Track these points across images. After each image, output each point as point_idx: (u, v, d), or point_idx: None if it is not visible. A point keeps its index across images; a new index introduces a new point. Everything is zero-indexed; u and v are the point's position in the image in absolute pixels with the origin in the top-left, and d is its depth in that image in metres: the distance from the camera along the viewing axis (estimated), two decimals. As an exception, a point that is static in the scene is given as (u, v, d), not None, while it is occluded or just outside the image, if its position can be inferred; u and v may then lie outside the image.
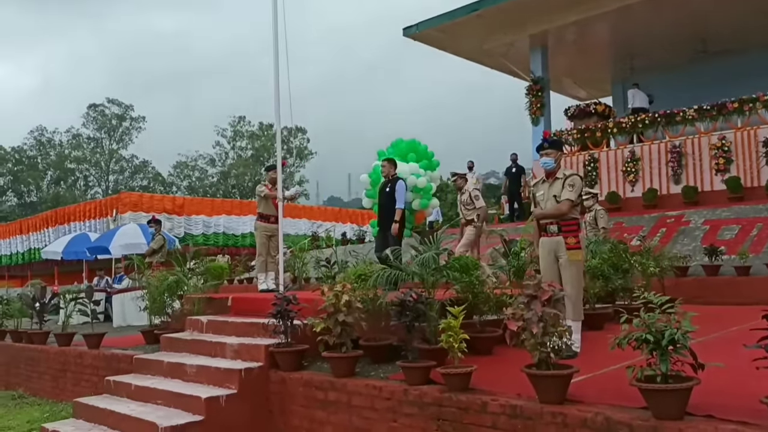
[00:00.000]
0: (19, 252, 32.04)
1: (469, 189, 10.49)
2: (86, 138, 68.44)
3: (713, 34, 15.91)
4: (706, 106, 13.70)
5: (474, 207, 10.35)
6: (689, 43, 16.24)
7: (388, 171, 10.30)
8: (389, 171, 10.28)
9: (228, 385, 6.35)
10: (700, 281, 9.56)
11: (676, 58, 16.99)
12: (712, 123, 13.71)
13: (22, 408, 9.34)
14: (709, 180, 13.38)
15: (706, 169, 13.44)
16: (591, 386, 4.77)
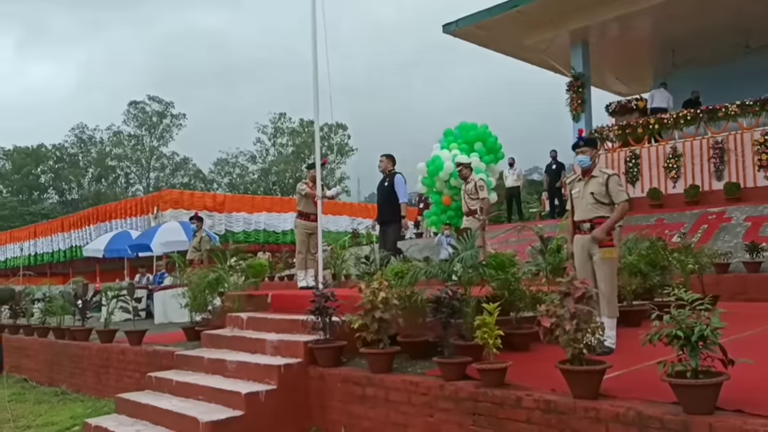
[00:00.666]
0: (61, 249, 32.68)
1: (475, 179, 10.39)
2: (127, 135, 69.56)
3: (756, 28, 15.59)
4: (748, 102, 13.47)
5: (478, 197, 10.21)
6: (732, 38, 15.96)
7: (385, 166, 10.16)
8: (386, 166, 10.13)
9: (268, 380, 6.45)
10: (740, 278, 9.44)
11: (719, 53, 16.69)
12: (755, 118, 13.47)
13: (65, 404, 9.51)
14: (752, 176, 13.15)
15: (749, 165, 13.21)
16: (624, 382, 4.80)
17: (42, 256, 34.36)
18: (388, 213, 9.94)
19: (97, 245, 21.78)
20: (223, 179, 70.69)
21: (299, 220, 10.09)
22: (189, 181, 68.75)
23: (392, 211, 9.87)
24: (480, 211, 10.13)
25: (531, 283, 6.90)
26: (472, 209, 10.23)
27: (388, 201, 9.92)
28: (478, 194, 10.20)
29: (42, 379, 11.35)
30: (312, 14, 9.05)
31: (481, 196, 10.18)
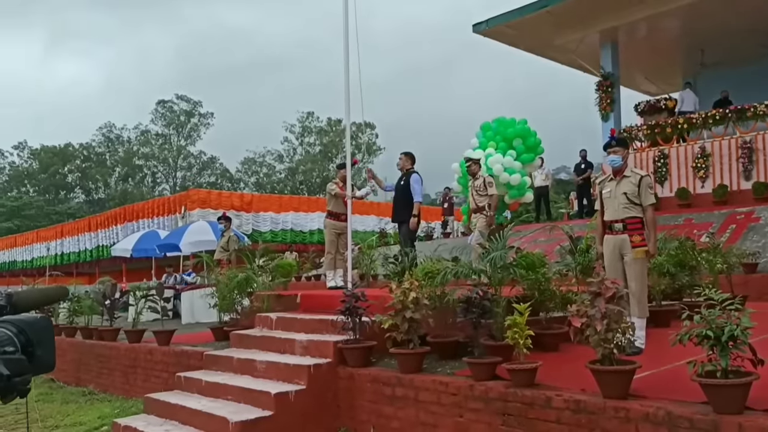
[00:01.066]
0: (88, 249, 32.91)
1: (484, 175, 10.32)
2: (155, 134, 70.02)
3: (786, 28, 15.43)
4: (778, 101, 13.32)
5: (486, 194, 10.14)
6: (760, 37, 15.75)
7: (403, 164, 10.09)
8: (404, 164, 10.07)
9: (297, 380, 6.49)
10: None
11: (747, 52, 16.49)
12: (785, 118, 13.33)
13: (92, 404, 9.53)
14: (781, 176, 13.01)
15: (778, 164, 13.08)
16: (654, 382, 4.82)
17: (68, 255, 34.68)
18: (403, 212, 9.86)
19: (124, 245, 21.90)
20: (250, 178, 71.00)
21: (329, 220, 10.12)
22: (216, 181, 69.18)
23: (407, 211, 9.80)
24: (488, 207, 10.07)
25: (561, 283, 6.91)
26: (480, 206, 10.18)
27: (403, 200, 9.84)
28: (486, 191, 10.15)
29: (69, 379, 11.38)
30: (344, 12, 9.06)
31: (489, 193, 10.13)
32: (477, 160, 10.61)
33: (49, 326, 1.13)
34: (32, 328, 1.09)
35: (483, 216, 10.07)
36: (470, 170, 10.53)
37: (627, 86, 19.85)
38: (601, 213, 6.42)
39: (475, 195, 10.31)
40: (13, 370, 1.00)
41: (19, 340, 1.07)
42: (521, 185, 15.31)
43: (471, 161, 10.52)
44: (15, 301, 1.07)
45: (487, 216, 10.04)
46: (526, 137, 15.95)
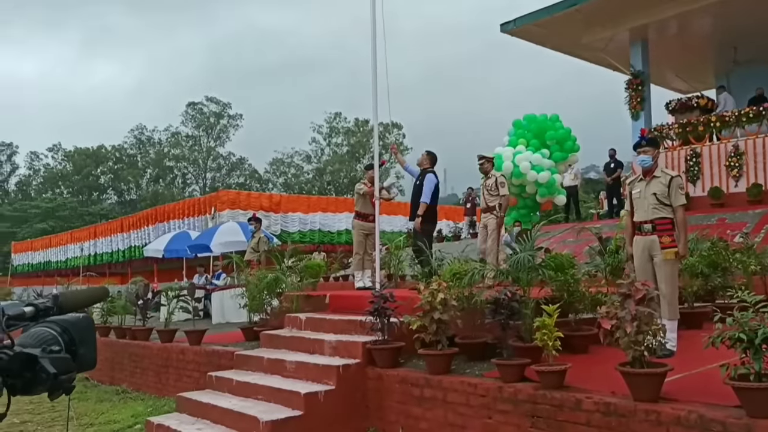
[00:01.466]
0: (120, 250, 33.36)
1: (496, 174, 10.05)
2: (185, 136, 70.92)
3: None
4: (814, 99, 13.08)
5: (498, 194, 9.84)
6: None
7: (421, 162, 10.03)
8: (422, 162, 9.99)
9: (326, 381, 6.54)
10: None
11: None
12: (822, 116, 13.08)
13: (126, 402, 9.67)
14: (818, 174, 12.77)
15: (814, 163, 12.83)
16: (686, 385, 4.77)
17: (101, 256, 35.18)
18: (414, 212, 9.81)
19: (156, 245, 22.18)
20: (278, 179, 71.51)
21: (357, 221, 10.12)
22: (245, 181, 69.77)
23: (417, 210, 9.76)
24: (498, 207, 9.80)
25: (590, 285, 6.86)
26: (491, 206, 9.88)
27: (416, 199, 9.80)
28: (498, 190, 9.85)
29: (103, 377, 11.54)
30: (371, 14, 9.07)
31: (501, 193, 9.84)
32: (490, 158, 10.32)
33: (91, 326, 1.18)
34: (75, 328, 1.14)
35: (494, 216, 9.80)
36: (482, 168, 10.22)
37: (657, 84, 19.55)
38: (631, 214, 6.37)
39: (486, 194, 10.03)
40: (60, 368, 1.05)
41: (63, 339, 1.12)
42: (550, 183, 15.17)
43: (484, 159, 10.22)
44: (61, 302, 1.12)
45: (497, 216, 9.79)
46: (563, 139, 15.83)
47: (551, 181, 15.18)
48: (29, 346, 1.05)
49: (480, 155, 10.06)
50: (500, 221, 9.92)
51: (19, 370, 1.02)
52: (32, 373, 1.04)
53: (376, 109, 9.17)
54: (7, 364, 1.01)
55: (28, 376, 1.04)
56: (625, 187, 15.00)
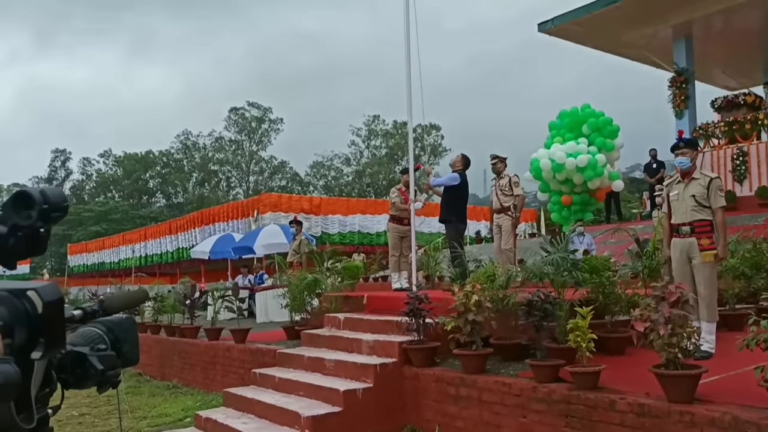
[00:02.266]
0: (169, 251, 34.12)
1: (510, 174, 9.93)
2: (228, 140, 72.08)
3: None
4: None
5: (512, 194, 9.75)
6: None
7: (454, 163, 10.11)
8: (455, 164, 10.07)
9: (364, 379, 6.68)
10: None
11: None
12: None
13: (176, 397, 10.06)
14: None
15: None
16: (721, 386, 4.77)
17: (152, 257, 36.00)
18: (444, 212, 9.94)
19: (203, 247, 22.66)
20: (318, 182, 72.13)
21: (391, 224, 10.24)
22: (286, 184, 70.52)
23: (448, 211, 9.84)
24: (513, 208, 9.72)
25: (627, 286, 6.84)
26: (505, 206, 9.77)
27: (445, 200, 9.93)
28: (512, 191, 9.75)
29: (155, 373, 12.00)
30: (405, 13, 9.14)
31: (515, 193, 9.75)
32: (504, 159, 10.18)
33: (134, 325, 1.31)
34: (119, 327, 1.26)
35: (508, 217, 9.72)
36: (495, 168, 10.15)
37: (703, 81, 19.15)
38: (669, 216, 6.33)
39: (499, 194, 9.90)
40: (106, 364, 1.17)
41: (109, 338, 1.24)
42: (592, 164, 14.81)
43: (497, 159, 10.13)
44: (106, 305, 1.25)
45: (512, 217, 9.70)
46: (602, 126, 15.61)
47: (592, 161, 14.75)
48: (79, 345, 1.18)
49: (493, 155, 10.03)
50: (516, 221, 9.86)
51: (71, 366, 1.14)
52: (82, 369, 1.15)
53: (410, 112, 9.26)
54: (60, 362, 1.13)
55: (79, 372, 1.15)
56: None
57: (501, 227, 9.82)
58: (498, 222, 9.92)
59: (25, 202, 0.79)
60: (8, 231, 0.76)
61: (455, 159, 10.21)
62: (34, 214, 0.79)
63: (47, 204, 0.78)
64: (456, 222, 9.83)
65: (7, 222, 0.76)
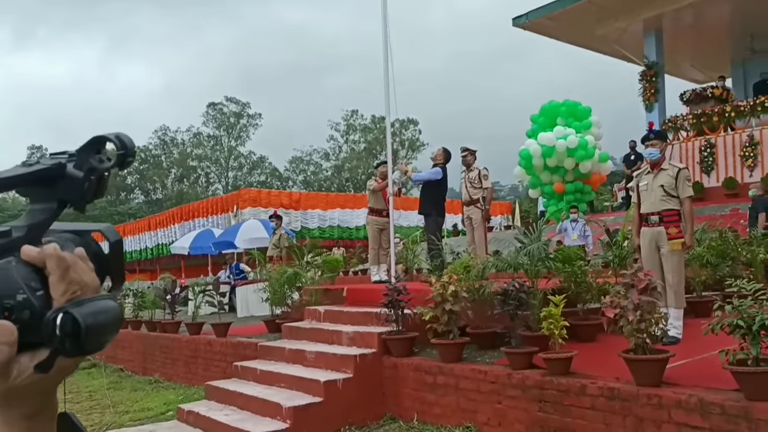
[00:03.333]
0: (149, 247, 33.90)
1: (479, 167, 10.01)
2: (206, 136, 71.66)
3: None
4: (829, 86, 13.08)
5: (481, 186, 9.87)
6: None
7: (435, 157, 10.28)
8: (436, 158, 10.23)
9: (344, 369, 6.81)
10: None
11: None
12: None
13: (158, 391, 10.07)
14: (832, 163, 12.80)
15: (828, 151, 12.86)
16: (688, 370, 4.94)
17: (131, 254, 35.69)
18: (424, 205, 10.09)
19: (182, 243, 22.61)
20: (297, 177, 71.98)
21: (370, 217, 10.35)
22: (266, 180, 70.30)
23: (428, 204, 9.99)
24: (483, 200, 9.86)
25: (599, 275, 7.04)
26: (474, 198, 9.91)
27: (424, 193, 10.10)
28: (481, 183, 9.87)
29: (136, 368, 12.01)
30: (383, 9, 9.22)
31: (484, 185, 9.87)
32: (474, 151, 10.23)
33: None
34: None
35: (478, 209, 9.86)
36: (465, 161, 10.23)
37: (672, 75, 19.51)
38: (638, 206, 6.52)
39: (469, 187, 10.03)
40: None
41: None
42: (583, 144, 15.00)
43: (467, 151, 10.20)
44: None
45: (482, 209, 9.84)
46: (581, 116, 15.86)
47: (583, 142, 14.94)
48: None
49: (463, 147, 10.13)
50: (486, 214, 9.99)
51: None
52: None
53: (388, 106, 9.31)
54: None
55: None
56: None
57: (471, 219, 9.99)
58: (468, 214, 10.08)
59: (102, 146, 0.79)
60: (84, 175, 0.76)
61: (436, 153, 10.34)
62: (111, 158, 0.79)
63: (124, 149, 0.78)
64: (436, 215, 9.99)
65: (83, 167, 0.76)
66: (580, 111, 16.02)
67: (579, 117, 15.96)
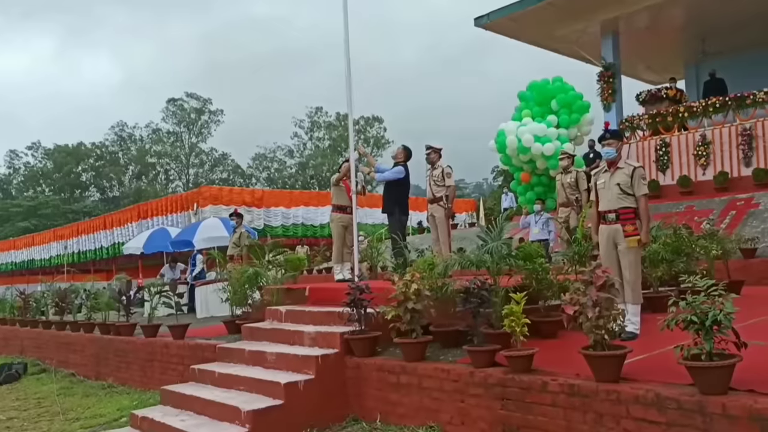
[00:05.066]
0: (104, 247, 33.25)
1: (443, 165, 10.06)
2: (166, 132, 70.76)
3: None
4: (776, 89, 13.51)
5: (444, 185, 9.93)
6: (760, 25, 15.86)
7: (396, 155, 10.28)
8: (397, 156, 10.23)
9: (306, 370, 6.72)
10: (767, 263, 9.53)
11: (747, 40, 16.62)
12: (783, 105, 13.54)
13: (112, 396, 9.83)
14: (780, 162, 13.22)
15: (777, 151, 13.27)
16: (645, 365, 5.02)
17: (85, 253, 35.03)
18: (388, 204, 10.08)
19: (136, 243, 22.21)
20: (261, 174, 71.58)
21: (335, 214, 10.27)
22: (228, 177, 69.75)
23: (392, 202, 9.99)
24: (446, 198, 9.93)
25: (559, 272, 7.12)
26: (437, 196, 9.99)
27: (387, 192, 10.08)
28: (444, 181, 9.94)
29: (89, 373, 11.68)
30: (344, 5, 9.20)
31: (447, 183, 9.93)
32: (438, 149, 10.27)
33: None
34: None
35: (440, 207, 9.95)
36: (429, 159, 10.26)
37: (629, 76, 19.93)
38: (596, 204, 6.62)
39: (433, 185, 10.10)
40: None
41: None
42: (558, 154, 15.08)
43: (431, 149, 10.24)
44: None
45: (445, 208, 9.93)
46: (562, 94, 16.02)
47: (558, 152, 15.12)
48: None
49: (427, 145, 10.18)
50: (448, 212, 10.08)
51: None
52: None
53: (350, 103, 9.27)
54: None
55: None
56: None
57: (435, 217, 10.03)
58: (432, 212, 10.12)
59: None
60: None
61: (397, 151, 10.35)
62: None
63: None
64: (399, 214, 9.98)
65: None
66: (577, 104, 16.22)
67: (575, 109, 16.16)
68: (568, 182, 10.98)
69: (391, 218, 10.06)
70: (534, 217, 12.70)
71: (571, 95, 16.40)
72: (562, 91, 16.51)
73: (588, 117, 16.39)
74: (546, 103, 16.40)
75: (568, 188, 10.88)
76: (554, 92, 16.53)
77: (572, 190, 10.83)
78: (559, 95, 16.42)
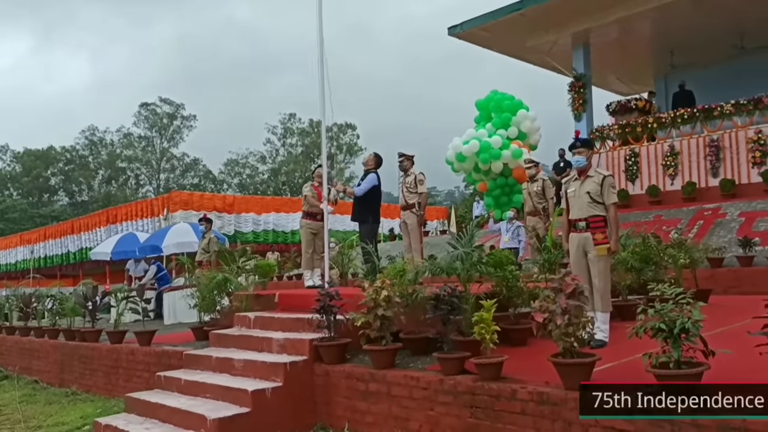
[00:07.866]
0: (71, 251, 32.89)
1: (416, 172, 10.11)
2: (137, 137, 70.08)
3: (750, 30, 16.04)
4: (743, 101, 13.82)
5: (416, 191, 9.97)
6: (727, 39, 16.28)
7: (367, 162, 10.27)
8: (368, 163, 10.23)
9: (274, 378, 6.64)
10: (734, 272, 9.69)
11: (715, 53, 17.00)
12: (749, 117, 13.84)
13: (75, 404, 9.64)
14: (746, 173, 13.47)
15: (743, 162, 13.54)
16: (614, 373, 5.02)
17: (52, 258, 34.63)
18: (359, 212, 10.03)
19: (104, 248, 21.85)
20: (233, 180, 71.18)
21: (305, 220, 10.21)
22: (199, 182, 69.23)
23: (364, 210, 9.95)
24: (418, 205, 9.97)
25: (529, 280, 7.13)
26: (410, 203, 10.02)
27: (358, 199, 10.03)
28: (417, 188, 9.98)
29: (53, 380, 11.47)
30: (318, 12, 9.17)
31: (419, 191, 9.97)
32: (411, 156, 10.28)
33: None
34: None
35: (413, 214, 9.97)
36: (402, 166, 10.28)
37: (599, 86, 20.23)
38: (567, 212, 6.65)
39: (405, 192, 10.12)
40: None
41: None
42: (485, 147, 15.22)
43: (404, 156, 10.25)
44: None
45: (418, 215, 9.96)
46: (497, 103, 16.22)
47: (484, 144, 15.15)
48: None
49: (400, 152, 10.21)
50: (421, 219, 10.12)
51: None
52: None
53: (323, 109, 9.18)
54: None
55: None
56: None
57: (407, 224, 10.03)
58: (404, 219, 10.13)
59: None
60: None
61: (368, 158, 10.32)
62: None
63: None
64: (372, 222, 9.96)
65: None
66: (506, 105, 16.25)
67: (504, 109, 16.20)
68: (535, 191, 10.99)
69: (362, 226, 10.01)
70: (506, 224, 12.77)
71: (501, 97, 16.47)
72: (498, 100, 16.57)
73: (524, 113, 16.17)
74: (489, 115, 16.48)
75: (535, 197, 10.90)
76: (493, 102, 16.59)
77: (539, 198, 10.84)
78: (492, 102, 16.52)
